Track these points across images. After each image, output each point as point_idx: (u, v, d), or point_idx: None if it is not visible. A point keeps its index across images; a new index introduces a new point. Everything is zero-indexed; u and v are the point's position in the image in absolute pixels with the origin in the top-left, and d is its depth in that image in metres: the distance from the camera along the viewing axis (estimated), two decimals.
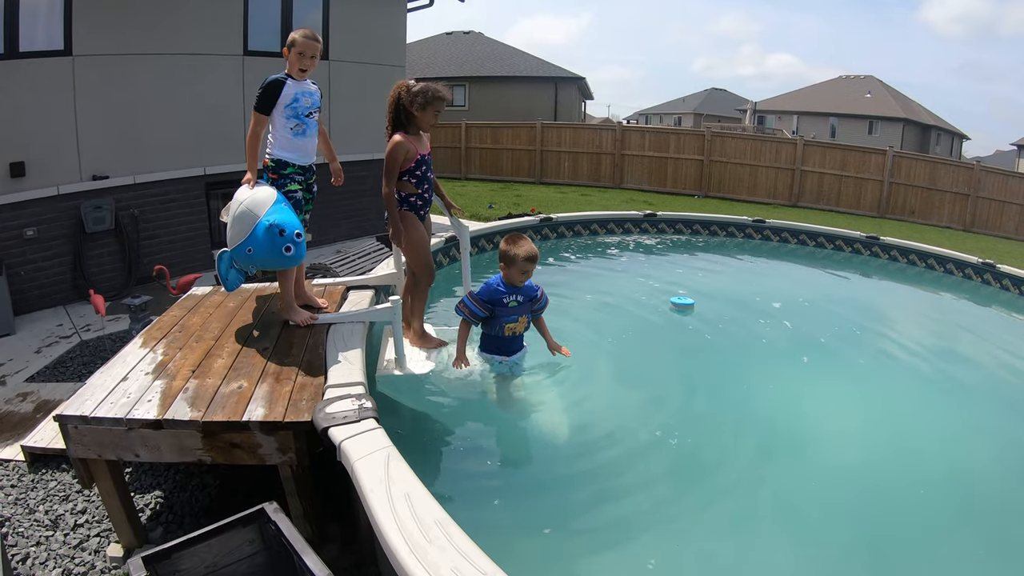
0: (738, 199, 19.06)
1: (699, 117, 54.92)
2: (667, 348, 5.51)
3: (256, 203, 3.71)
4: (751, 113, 45.91)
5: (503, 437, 3.98)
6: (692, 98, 63.33)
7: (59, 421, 2.99)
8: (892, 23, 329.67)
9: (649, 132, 21.35)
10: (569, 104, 30.27)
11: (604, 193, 19.30)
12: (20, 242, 7.31)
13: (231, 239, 3.75)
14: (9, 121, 7.15)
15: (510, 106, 25.81)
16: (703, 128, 22.02)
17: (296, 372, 3.33)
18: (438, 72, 28.61)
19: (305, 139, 4.20)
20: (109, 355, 5.92)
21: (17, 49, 7.13)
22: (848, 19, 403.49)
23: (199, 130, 8.83)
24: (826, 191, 18.62)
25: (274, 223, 3.55)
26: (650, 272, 7.50)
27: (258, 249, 3.60)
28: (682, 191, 19.82)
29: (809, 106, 43.64)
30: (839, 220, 15.84)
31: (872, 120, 39.95)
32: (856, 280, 8.26)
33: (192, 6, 8.49)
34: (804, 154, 18.64)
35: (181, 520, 3.62)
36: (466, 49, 31.27)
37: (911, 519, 3.34)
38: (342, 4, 10.17)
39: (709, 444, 3.91)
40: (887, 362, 5.43)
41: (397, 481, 2.31)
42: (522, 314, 4.27)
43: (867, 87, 42.85)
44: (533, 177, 21.11)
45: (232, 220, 3.74)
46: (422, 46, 30.97)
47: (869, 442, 4.11)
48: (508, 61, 29.71)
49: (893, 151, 18.26)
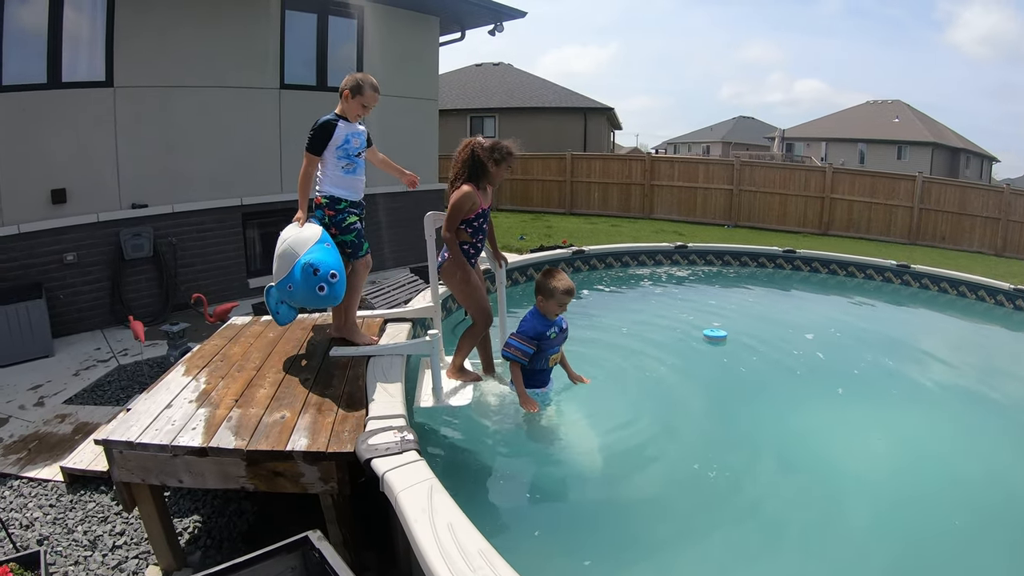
0: (768, 228, 18.92)
1: (727, 145, 54.90)
2: (701, 380, 5.48)
3: (298, 242, 3.79)
4: (779, 140, 45.78)
5: (539, 468, 3.99)
6: (720, 126, 63.36)
7: (104, 446, 3.07)
8: (918, 46, 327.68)
9: (678, 162, 21.29)
10: (598, 134, 30.32)
11: (634, 224, 19.27)
12: (60, 266, 7.48)
13: (276, 275, 3.85)
14: (51, 149, 7.36)
15: (539, 137, 25.91)
16: (732, 157, 21.99)
17: (338, 403, 3.38)
18: (468, 103, 28.87)
19: (355, 177, 4.30)
20: (147, 380, 6.03)
21: (60, 80, 7.36)
22: (875, 43, 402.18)
23: (236, 161, 9.01)
24: (856, 219, 18.43)
25: (309, 262, 3.60)
26: (682, 304, 7.51)
27: (296, 287, 3.67)
28: (712, 221, 19.72)
29: (837, 132, 43.43)
30: (869, 248, 15.68)
31: (901, 145, 39.64)
32: (888, 309, 8.18)
33: (231, 40, 8.71)
34: (833, 182, 18.51)
35: (219, 544, 3.66)
36: (496, 80, 31.45)
37: (947, 550, 3.31)
38: (376, 38, 10.35)
39: (746, 476, 3.89)
40: (921, 393, 5.37)
41: (440, 512, 2.34)
42: (561, 343, 4.36)
43: (895, 111, 42.58)
44: (563, 208, 21.17)
45: (276, 257, 3.84)
46: (452, 77, 31.23)
47: (906, 474, 4.06)
48: (537, 92, 29.84)
49: (922, 177, 18.06)
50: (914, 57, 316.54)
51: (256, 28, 8.94)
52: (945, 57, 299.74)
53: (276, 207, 9.52)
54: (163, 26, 8.00)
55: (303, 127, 9.29)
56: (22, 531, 3.81)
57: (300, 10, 9.38)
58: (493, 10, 11.36)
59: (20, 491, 4.25)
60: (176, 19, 8.12)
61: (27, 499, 4.16)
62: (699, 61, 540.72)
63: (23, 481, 4.38)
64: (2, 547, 3.66)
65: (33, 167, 7.25)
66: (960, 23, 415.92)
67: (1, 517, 3.66)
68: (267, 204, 9.41)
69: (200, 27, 8.36)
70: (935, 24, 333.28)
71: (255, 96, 9.09)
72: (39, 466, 4.53)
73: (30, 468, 4.50)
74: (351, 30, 10.11)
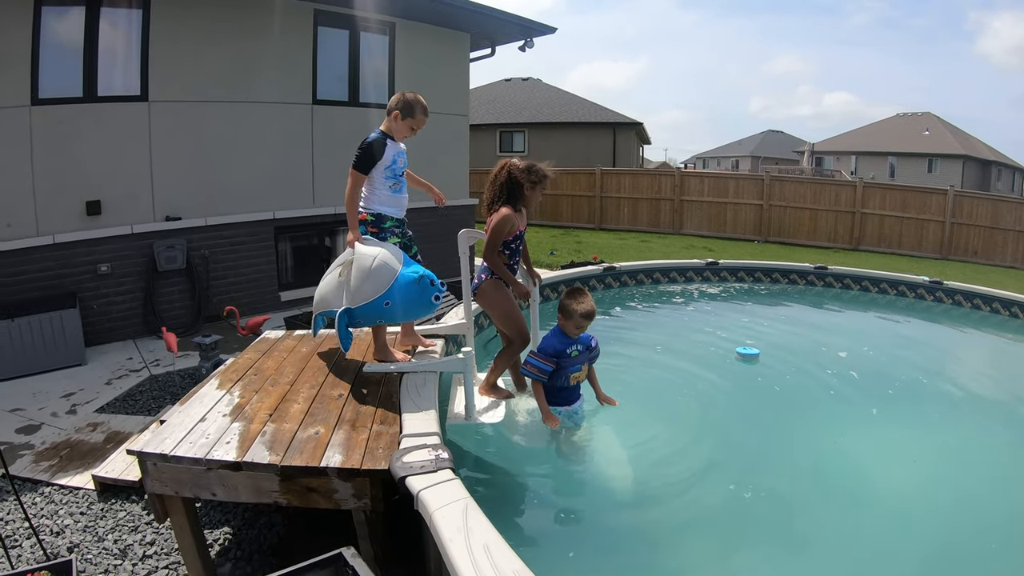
0: (798, 244, 18.77)
1: (756, 160, 54.79)
2: (735, 399, 5.42)
3: (390, 257, 3.81)
4: (809, 154, 45.52)
5: (571, 487, 3.96)
6: (749, 140, 63.23)
7: (139, 457, 3.08)
8: (949, 57, 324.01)
9: (708, 177, 21.18)
10: (627, 149, 30.29)
11: (664, 239, 19.21)
12: (94, 277, 7.62)
13: (360, 295, 3.79)
14: (87, 161, 7.52)
15: (569, 152, 25.94)
16: (762, 172, 21.82)
17: (372, 420, 3.37)
18: (498, 118, 29.00)
19: (401, 196, 4.35)
20: (178, 391, 6.09)
21: (95, 93, 7.54)
22: (905, 55, 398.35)
23: (269, 175, 9.12)
24: (887, 233, 18.21)
25: (424, 274, 3.69)
26: (714, 321, 7.46)
27: (400, 300, 3.71)
28: (742, 236, 19.58)
29: (867, 146, 43.10)
30: (901, 263, 15.49)
31: (931, 158, 39.26)
32: (920, 326, 8.07)
33: (264, 56, 8.84)
34: (864, 196, 18.32)
35: (249, 557, 3.67)
36: (525, 95, 31.56)
37: None
38: (407, 55, 10.45)
39: (782, 499, 3.83)
40: (957, 414, 5.26)
41: (476, 531, 2.33)
42: (583, 362, 4.33)
43: (925, 124, 42.21)
44: (593, 223, 21.16)
45: (366, 275, 3.78)
46: (482, 92, 31.39)
47: (943, 497, 3.98)
48: (566, 107, 29.89)
49: (954, 191, 17.80)
50: (945, 68, 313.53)
51: (289, 44, 9.08)
52: (976, 68, 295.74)
53: (308, 221, 9.62)
54: (197, 42, 8.16)
55: (335, 142, 9.47)
56: (52, 537, 3.84)
57: (332, 26, 9.50)
58: (523, 26, 11.42)
59: (51, 498, 4.30)
60: (210, 35, 8.27)
61: (58, 506, 4.20)
62: (729, 75, 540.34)
63: (54, 488, 4.43)
64: (33, 553, 3.70)
65: (68, 179, 7.40)
66: (990, 32, 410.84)
67: (32, 523, 3.69)
68: (299, 218, 9.51)
69: (233, 43, 8.51)
70: (966, 35, 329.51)
71: (288, 111, 9.20)
72: (70, 473, 4.59)
73: (61, 475, 4.56)
74: (383, 46, 10.22)
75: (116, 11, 7.65)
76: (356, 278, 3.81)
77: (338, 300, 3.97)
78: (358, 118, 9.97)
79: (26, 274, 7.15)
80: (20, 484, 4.46)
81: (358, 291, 3.78)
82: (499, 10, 10.58)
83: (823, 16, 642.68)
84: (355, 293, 3.80)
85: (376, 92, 10.23)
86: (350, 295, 3.83)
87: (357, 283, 3.80)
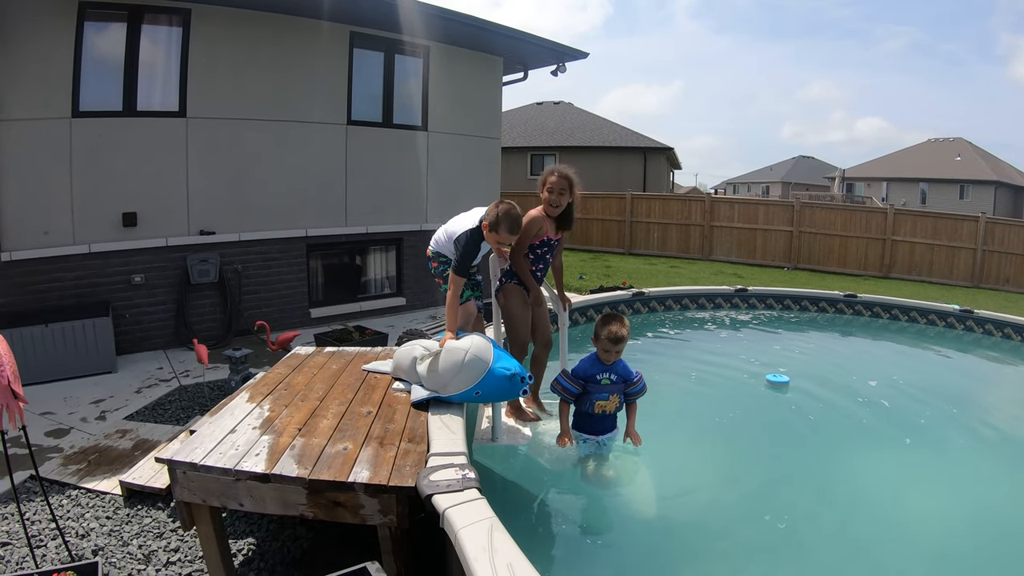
0: (828, 271, 18.55)
1: (787, 185, 54.51)
2: (765, 427, 5.40)
3: (481, 352, 3.77)
4: (839, 180, 45.22)
5: (595, 511, 3.95)
6: (779, 166, 62.94)
7: (168, 465, 3.13)
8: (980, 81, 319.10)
9: (738, 203, 21.03)
10: (657, 174, 30.25)
11: (693, 265, 19.08)
12: (127, 287, 7.79)
13: (451, 387, 3.78)
14: (124, 174, 7.70)
15: (599, 176, 25.94)
16: (792, 198, 21.66)
17: (400, 438, 3.39)
18: (529, 141, 29.17)
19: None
20: (207, 402, 6.16)
21: (135, 108, 7.73)
22: (937, 79, 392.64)
23: (303, 193, 9.26)
24: (918, 261, 17.93)
25: (515, 373, 3.68)
26: (743, 348, 7.44)
27: (490, 390, 3.72)
28: (771, 263, 19.39)
29: (898, 172, 42.68)
30: (931, 291, 15.27)
31: (963, 184, 38.80)
32: (952, 356, 7.93)
33: (301, 77, 9.01)
34: (895, 223, 18.09)
35: (272, 568, 3.69)
36: (556, 119, 31.69)
37: None
38: (442, 78, 10.58)
39: (815, 529, 3.79)
40: (990, 446, 5.18)
41: (500, 551, 2.33)
42: (613, 393, 4.25)
43: (957, 150, 41.75)
44: (623, 248, 21.08)
45: (458, 368, 3.75)
46: (513, 115, 31.57)
47: (979, 532, 3.91)
48: (597, 131, 29.96)
49: (985, 217, 17.49)
50: (977, 93, 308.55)
51: (325, 65, 9.24)
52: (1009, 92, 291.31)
53: (340, 239, 9.74)
54: (235, 61, 8.35)
55: (368, 163, 9.59)
56: (78, 540, 3.90)
57: (368, 48, 9.66)
58: (556, 51, 11.49)
59: (78, 501, 4.37)
60: (248, 55, 8.46)
61: (84, 509, 4.27)
62: (762, 100, 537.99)
63: (81, 491, 4.50)
64: (58, 554, 3.76)
65: (106, 190, 7.58)
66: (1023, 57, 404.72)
67: (59, 524, 3.75)
68: (331, 236, 9.63)
69: (271, 63, 8.68)
70: (997, 58, 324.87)
71: (322, 131, 9.35)
72: (98, 478, 4.65)
73: (89, 480, 4.62)
74: (417, 69, 10.36)
75: (156, 28, 7.85)
76: (447, 370, 3.79)
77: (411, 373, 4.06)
78: (392, 139, 10.12)
79: (62, 281, 7.32)
80: (48, 486, 4.54)
81: (450, 383, 3.77)
82: (532, 35, 10.69)
83: (853, 40, 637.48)
84: (447, 384, 3.78)
85: (410, 114, 10.38)
86: (439, 383, 3.82)
87: (449, 375, 3.78)
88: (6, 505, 4.28)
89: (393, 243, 10.54)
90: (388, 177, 10.15)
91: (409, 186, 10.47)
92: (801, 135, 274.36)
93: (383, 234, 10.28)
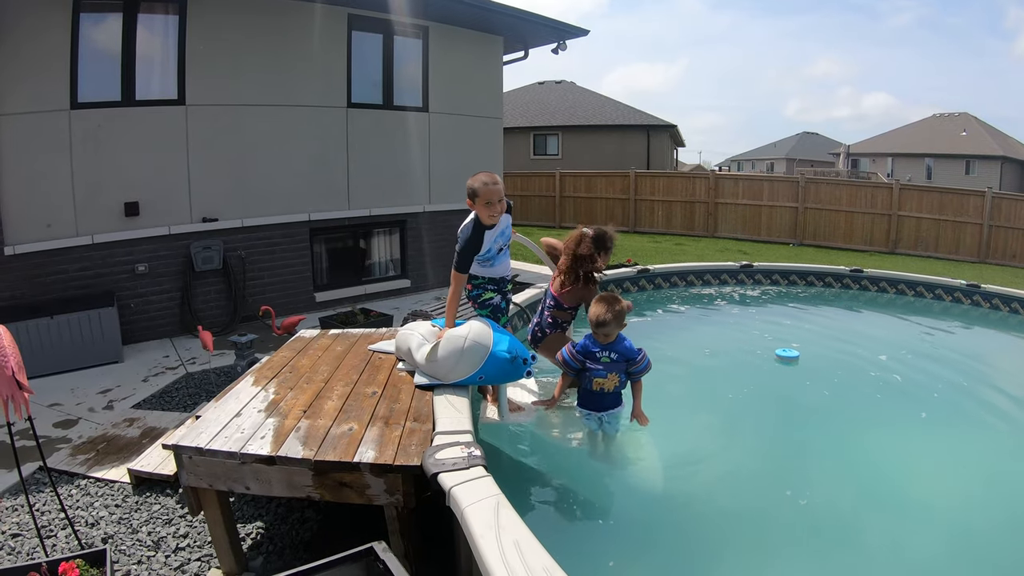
0: (834, 247, 18.44)
1: (791, 162, 54.18)
2: (778, 401, 5.36)
3: (480, 337, 3.76)
4: (844, 156, 44.88)
5: (603, 488, 3.93)
6: (784, 143, 62.54)
7: (174, 450, 3.13)
8: (987, 56, 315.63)
9: (742, 180, 20.90)
10: (661, 152, 30.11)
11: (698, 242, 19.02)
12: (132, 276, 7.79)
13: (454, 374, 3.75)
14: (125, 164, 7.67)
15: (603, 155, 25.88)
16: (797, 175, 21.49)
17: (405, 417, 3.39)
18: (531, 121, 29.04)
19: (495, 268, 4.27)
20: (214, 388, 6.17)
21: (134, 97, 7.69)
22: (944, 54, 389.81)
23: (305, 178, 9.24)
24: (924, 237, 17.79)
25: (517, 355, 3.71)
26: (751, 324, 7.38)
27: (494, 374, 3.74)
28: (776, 239, 19.29)
29: (903, 147, 42.26)
30: (938, 266, 15.18)
31: (969, 159, 38.33)
32: (959, 330, 7.87)
33: (300, 60, 8.96)
34: (900, 199, 17.95)
35: (281, 551, 3.70)
36: (558, 98, 31.54)
37: None
38: (441, 58, 10.53)
39: (827, 501, 3.76)
40: (1008, 418, 5.10)
41: (507, 528, 2.32)
42: (613, 371, 4.13)
43: (962, 125, 41.26)
44: (627, 226, 20.95)
45: (458, 355, 3.74)
46: (515, 95, 31.41)
47: (996, 502, 3.88)
48: (600, 110, 29.80)
49: (992, 192, 17.30)
50: (984, 67, 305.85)
51: (324, 48, 9.18)
52: (1015, 67, 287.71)
53: (343, 223, 9.73)
54: (233, 47, 8.30)
55: (370, 145, 9.54)
56: (87, 528, 3.92)
57: (366, 30, 9.60)
58: (556, 29, 11.41)
59: (87, 490, 4.39)
60: (246, 40, 8.42)
61: (93, 498, 4.29)
62: (768, 78, 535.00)
63: (90, 481, 4.53)
64: (68, 543, 3.77)
65: (107, 180, 7.56)
66: None
67: (68, 514, 3.76)
68: (334, 220, 9.63)
69: (269, 48, 8.64)
70: (1004, 33, 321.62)
71: (323, 115, 9.31)
72: (107, 467, 4.67)
73: (97, 469, 4.65)
74: (416, 50, 10.30)
75: (153, 16, 7.80)
76: (447, 358, 3.76)
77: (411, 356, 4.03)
78: (392, 121, 10.07)
79: (66, 273, 7.32)
80: (57, 476, 4.56)
81: (452, 370, 3.75)
82: (532, 13, 10.61)
83: (863, 17, 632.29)
84: (448, 372, 3.76)
85: (410, 96, 10.33)
86: (441, 372, 3.79)
87: (450, 363, 3.75)
88: (16, 496, 4.29)
89: (396, 225, 10.53)
90: (390, 159, 10.13)
91: (411, 168, 10.44)
92: (807, 111, 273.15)
93: (386, 216, 10.27)
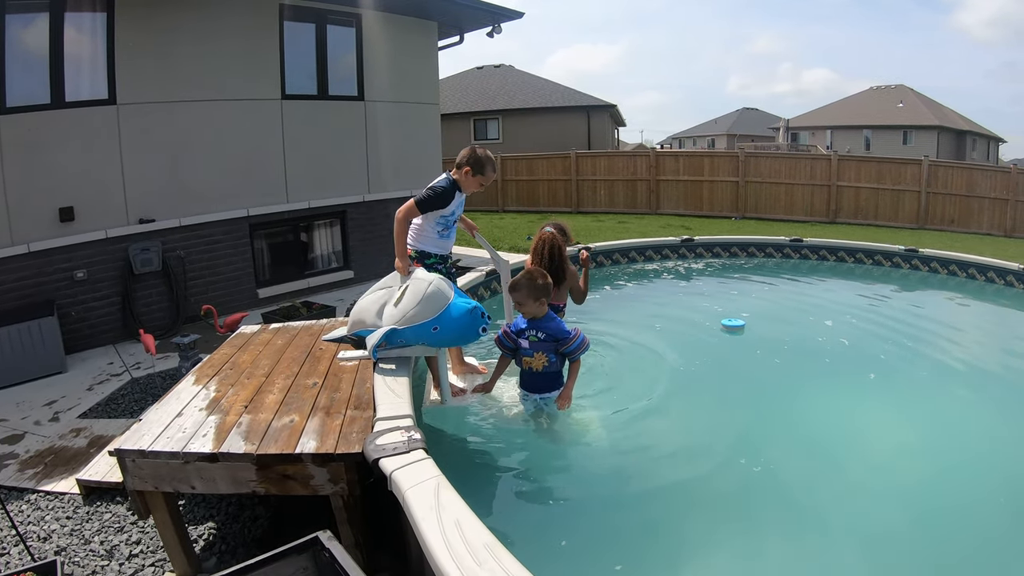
0: (776, 219, 18.86)
1: (732, 138, 54.95)
2: (727, 370, 5.46)
3: (443, 287, 3.85)
4: (784, 131, 45.69)
5: (548, 465, 3.97)
6: (724, 119, 63.29)
7: (117, 455, 3.11)
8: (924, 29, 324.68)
9: (683, 156, 21.15)
10: (602, 132, 30.36)
11: (641, 220, 19.22)
12: (71, 283, 7.59)
13: (409, 317, 3.80)
14: (57, 168, 7.44)
15: (543, 137, 26.00)
16: (736, 149, 21.86)
17: (346, 405, 3.41)
18: (470, 106, 29.03)
19: (448, 240, 4.42)
20: (160, 392, 6.08)
21: (63, 99, 7.45)
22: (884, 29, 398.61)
23: (242, 173, 9.10)
24: (863, 206, 18.32)
25: (476, 306, 3.78)
26: (694, 297, 7.56)
27: (448, 327, 3.77)
28: (719, 214, 19.63)
29: (842, 120, 43.30)
30: (878, 234, 15.60)
31: (906, 130, 39.52)
32: (900, 294, 8.16)
33: (231, 54, 8.79)
34: (839, 169, 18.42)
35: (234, 550, 3.70)
36: (497, 83, 31.58)
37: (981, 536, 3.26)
38: (375, 47, 10.43)
39: (782, 467, 3.86)
40: (949, 374, 5.35)
41: (447, 508, 2.36)
42: (539, 351, 4.14)
43: (899, 97, 42.46)
44: (570, 207, 21.16)
45: (419, 298, 3.80)
46: (454, 81, 31.34)
47: (947, 457, 4.05)
48: (539, 92, 29.94)
49: (928, 160, 17.93)
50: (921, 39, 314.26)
51: (256, 40, 9.04)
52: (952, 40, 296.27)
53: (283, 217, 9.62)
54: (163, 43, 8.09)
55: (306, 136, 9.44)
56: (40, 543, 3.86)
57: (298, 20, 9.46)
58: (490, 12, 11.39)
59: (37, 504, 4.31)
60: (175, 36, 8.20)
61: (44, 512, 4.21)
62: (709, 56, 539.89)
63: (40, 495, 4.44)
64: (21, 560, 3.70)
65: (40, 186, 7.33)
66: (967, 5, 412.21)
67: (19, 530, 3.70)
68: (273, 214, 9.51)
69: (200, 42, 8.44)
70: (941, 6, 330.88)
71: (257, 108, 9.17)
72: (55, 479, 4.59)
73: (47, 482, 4.56)
74: (350, 39, 10.19)
75: (80, 15, 7.55)
76: (409, 300, 3.84)
77: (375, 320, 4.04)
78: (328, 111, 9.98)
79: (3, 284, 7.10)
80: (6, 493, 4.46)
81: (410, 313, 3.80)
82: None
83: None
84: (406, 315, 3.81)
85: (346, 85, 10.24)
86: (401, 315, 3.84)
87: (409, 305, 3.82)
88: None
89: (337, 216, 10.47)
90: (328, 149, 10.05)
91: (350, 157, 10.39)
92: (748, 87, 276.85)
93: (326, 208, 10.20)
